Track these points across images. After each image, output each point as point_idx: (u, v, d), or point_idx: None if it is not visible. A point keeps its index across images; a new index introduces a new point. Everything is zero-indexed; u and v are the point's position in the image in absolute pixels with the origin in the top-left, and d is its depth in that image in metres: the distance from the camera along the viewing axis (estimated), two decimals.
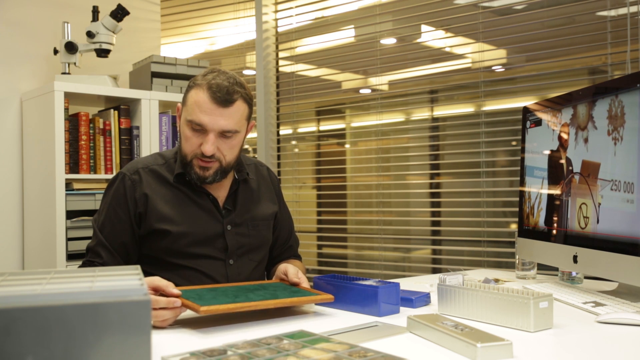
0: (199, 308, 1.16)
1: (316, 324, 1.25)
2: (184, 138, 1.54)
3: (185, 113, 1.53)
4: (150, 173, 1.59)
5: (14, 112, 2.72)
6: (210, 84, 1.48)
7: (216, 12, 3.34)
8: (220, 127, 1.49)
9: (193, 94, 1.51)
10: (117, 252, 1.55)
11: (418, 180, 2.76)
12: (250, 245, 1.64)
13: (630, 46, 2.07)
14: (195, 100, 1.49)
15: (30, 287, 0.71)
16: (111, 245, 1.54)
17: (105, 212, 1.57)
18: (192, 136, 1.51)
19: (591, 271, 1.52)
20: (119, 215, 1.55)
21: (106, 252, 1.54)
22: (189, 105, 1.51)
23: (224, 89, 1.48)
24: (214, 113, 1.48)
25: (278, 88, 3.21)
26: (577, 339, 1.12)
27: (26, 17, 2.76)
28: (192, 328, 1.22)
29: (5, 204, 2.68)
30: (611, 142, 1.44)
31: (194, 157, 1.52)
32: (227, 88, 1.48)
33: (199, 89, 1.50)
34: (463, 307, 1.27)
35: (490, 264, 2.42)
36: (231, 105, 1.49)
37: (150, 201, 1.54)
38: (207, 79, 1.50)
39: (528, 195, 1.82)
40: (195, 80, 1.53)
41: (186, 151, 1.54)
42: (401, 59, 2.74)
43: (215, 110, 1.48)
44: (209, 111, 1.48)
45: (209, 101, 1.47)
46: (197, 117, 1.48)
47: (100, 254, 1.54)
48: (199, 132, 1.50)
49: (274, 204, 1.75)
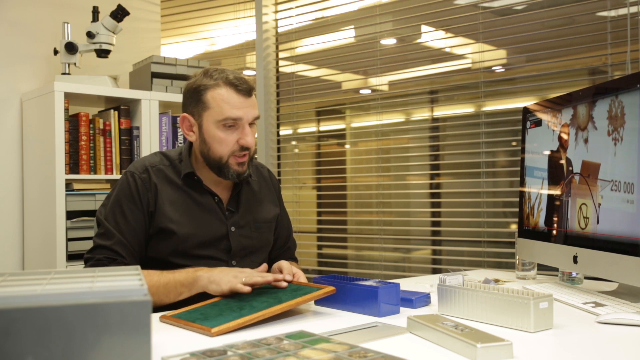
0: (210, 330, 1.15)
1: (316, 324, 1.25)
2: (216, 142, 1.53)
3: (213, 115, 1.52)
4: (157, 172, 1.58)
5: (14, 112, 2.72)
6: (228, 80, 1.52)
7: (216, 12, 3.34)
8: (253, 115, 1.54)
9: (213, 94, 1.51)
10: (135, 251, 1.53)
11: (418, 180, 2.76)
12: (253, 247, 1.64)
13: (630, 46, 2.07)
14: (221, 99, 1.51)
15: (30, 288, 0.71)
16: (129, 244, 1.52)
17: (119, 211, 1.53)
18: (226, 136, 1.52)
19: (591, 271, 1.52)
20: (133, 213, 1.53)
21: (126, 250, 1.51)
22: (214, 106, 1.51)
23: (243, 81, 1.53)
24: (244, 105, 1.52)
25: (278, 88, 3.21)
26: (577, 339, 1.12)
27: (26, 17, 2.76)
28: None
29: (6, 204, 2.68)
30: (611, 143, 1.44)
31: (230, 156, 1.53)
32: (244, 78, 1.54)
33: (217, 88, 1.51)
34: (463, 308, 1.27)
35: (490, 265, 2.42)
36: (253, 93, 1.56)
37: (159, 200, 1.54)
38: (218, 77, 1.52)
39: (528, 196, 1.82)
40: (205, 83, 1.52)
41: (222, 153, 1.53)
42: (401, 60, 2.74)
43: (245, 101, 1.52)
44: (240, 105, 1.51)
45: (237, 95, 1.51)
46: (232, 113, 1.50)
47: (119, 253, 1.51)
48: (232, 128, 1.52)
49: (275, 206, 1.75)
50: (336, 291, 1.37)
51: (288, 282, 1.44)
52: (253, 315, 1.21)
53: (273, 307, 1.25)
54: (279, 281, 1.39)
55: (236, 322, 1.18)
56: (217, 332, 1.15)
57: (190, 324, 1.21)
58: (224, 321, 1.19)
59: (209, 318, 1.23)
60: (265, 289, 1.42)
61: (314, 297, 1.32)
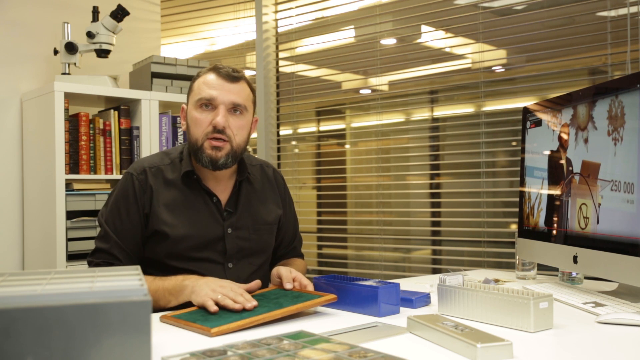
0: (209, 330, 1.15)
1: (316, 324, 1.25)
2: (193, 123, 1.54)
3: (193, 98, 1.56)
4: (156, 173, 1.58)
5: (14, 112, 2.72)
6: (215, 66, 1.56)
7: (216, 12, 3.34)
8: (230, 100, 1.53)
9: (199, 79, 1.56)
10: (132, 253, 1.55)
11: (418, 180, 2.76)
12: (251, 250, 1.62)
13: (630, 46, 2.07)
14: (202, 81, 1.54)
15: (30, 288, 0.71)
16: (127, 246, 1.54)
17: (117, 214, 1.55)
18: (201, 116, 1.53)
19: (591, 271, 1.52)
20: (130, 216, 1.54)
21: (123, 254, 1.53)
22: (195, 89, 1.56)
23: (229, 68, 1.55)
24: (223, 87, 1.53)
25: (278, 88, 3.21)
26: (577, 339, 1.12)
27: (26, 17, 2.76)
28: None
29: (6, 204, 2.68)
30: (611, 143, 1.44)
31: (205, 139, 1.52)
32: (232, 68, 1.56)
33: (203, 74, 1.56)
34: (463, 308, 1.27)
35: (490, 264, 2.42)
36: (238, 82, 1.55)
37: (154, 203, 1.54)
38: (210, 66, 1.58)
39: (528, 196, 1.82)
40: (197, 73, 1.59)
41: (197, 135, 1.54)
42: (401, 60, 2.74)
43: (224, 85, 1.53)
44: (218, 86, 1.53)
45: (217, 78, 1.53)
46: (206, 92, 1.52)
47: (117, 257, 1.53)
48: (209, 110, 1.53)
49: (279, 208, 1.73)
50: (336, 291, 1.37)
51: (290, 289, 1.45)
52: (253, 318, 1.21)
53: (273, 312, 1.25)
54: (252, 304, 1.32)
55: (236, 324, 1.18)
56: (216, 332, 1.15)
57: (190, 324, 1.21)
58: (224, 322, 1.19)
59: (209, 319, 1.23)
60: (265, 295, 1.43)
61: (315, 304, 1.32)
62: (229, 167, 1.56)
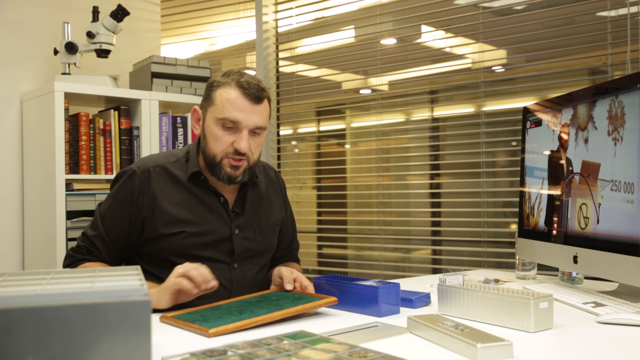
0: (207, 330, 1.15)
1: (316, 324, 1.25)
2: (212, 138, 1.51)
3: (214, 112, 1.51)
4: (161, 171, 1.57)
5: (14, 112, 2.72)
6: (240, 82, 1.49)
7: (216, 12, 3.34)
8: (254, 123, 1.50)
9: (221, 92, 1.50)
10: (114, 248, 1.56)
11: (418, 180, 2.76)
12: (256, 250, 1.62)
13: (630, 46, 2.07)
14: (226, 98, 1.49)
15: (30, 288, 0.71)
16: (110, 240, 1.56)
17: (109, 207, 1.57)
18: (223, 135, 1.50)
19: (591, 271, 1.52)
20: (121, 214, 1.54)
21: (104, 245, 1.56)
22: (218, 103, 1.50)
23: (254, 86, 1.50)
24: (247, 110, 1.48)
25: (278, 88, 3.21)
26: (577, 339, 1.12)
27: (26, 17, 2.76)
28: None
29: (6, 204, 2.68)
30: (611, 143, 1.44)
31: (224, 157, 1.51)
32: (257, 85, 1.50)
33: (227, 87, 1.50)
34: (463, 308, 1.27)
35: (490, 264, 2.42)
36: (262, 102, 1.51)
37: (157, 203, 1.53)
38: (233, 77, 1.51)
39: (528, 196, 1.82)
40: (219, 80, 1.52)
41: (215, 151, 1.51)
42: (401, 60, 2.74)
43: (249, 107, 1.49)
44: (243, 108, 1.48)
45: (242, 98, 1.48)
46: (232, 114, 1.48)
47: (97, 246, 1.56)
48: (230, 130, 1.50)
49: (281, 209, 1.74)
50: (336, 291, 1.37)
51: (290, 291, 1.45)
52: (252, 319, 1.21)
53: (273, 313, 1.25)
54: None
55: (234, 325, 1.18)
56: (214, 333, 1.15)
57: (189, 324, 1.21)
58: (223, 323, 1.19)
59: (209, 320, 1.23)
60: (266, 297, 1.43)
61: (315, 306, 1.32)
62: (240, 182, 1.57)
